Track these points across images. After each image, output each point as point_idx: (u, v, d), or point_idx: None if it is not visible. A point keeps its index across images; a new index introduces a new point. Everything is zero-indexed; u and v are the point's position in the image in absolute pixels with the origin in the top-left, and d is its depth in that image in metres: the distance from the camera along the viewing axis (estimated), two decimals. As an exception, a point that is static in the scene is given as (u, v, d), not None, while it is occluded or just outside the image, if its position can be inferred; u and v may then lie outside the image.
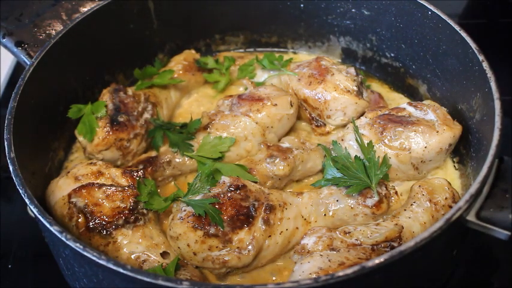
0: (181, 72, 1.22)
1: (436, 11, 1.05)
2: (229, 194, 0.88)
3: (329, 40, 1.30)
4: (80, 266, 0.81)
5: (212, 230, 0.85)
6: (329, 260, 0.81)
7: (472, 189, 0.75)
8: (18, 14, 1.13)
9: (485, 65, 0.92)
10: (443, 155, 0.99)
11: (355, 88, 1.07)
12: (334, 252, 0.83)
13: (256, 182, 0.96)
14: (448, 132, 0.96)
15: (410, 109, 1.02)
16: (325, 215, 0.93)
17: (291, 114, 1.07)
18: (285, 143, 1.04)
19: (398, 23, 1.16)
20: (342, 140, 1.02)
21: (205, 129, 1.07)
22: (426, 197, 0.92)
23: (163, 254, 0.89)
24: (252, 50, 1.37)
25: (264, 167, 0.99)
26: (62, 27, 1.10)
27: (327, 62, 1.12)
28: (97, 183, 0.93)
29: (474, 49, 0.95)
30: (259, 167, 1.00)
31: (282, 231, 0.89)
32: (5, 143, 0.88)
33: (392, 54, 1.22)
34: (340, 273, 0.66)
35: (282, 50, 1.35)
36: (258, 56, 1.26)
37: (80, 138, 1.04)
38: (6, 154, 0.86)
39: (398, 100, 1.22)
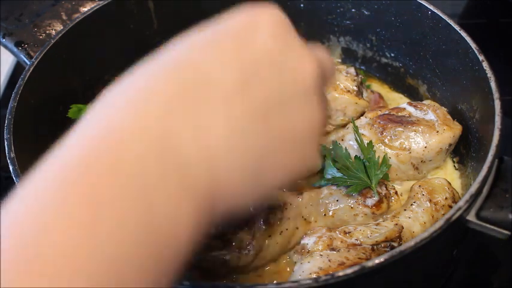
0: (181, 72, 1.22)
1: (436, 11, 1.05)
2: (229, 194, 0.88)
3: (329, 40, 1.30)
4: (80, 266, 0.80)
5: (212, 230, 0.85)
6: (329, 260, 0.81)
7: (472, 189, 0.75)
8: (18, 14, 1.13)
9: (485, 65, 0.92)
10: (443, 155, 0.99)
11: (355, 88, 1.07)
12: (334, 252, 0.83)
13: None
14: (448, 132, 0.96)
15: (410, 109, 1.02)
16: (325, 215, 0.93)
17: (291, 114, 1.07)
18: (285, 143, 1.04)
19: (398, 23, 1.16)
20: (342, 140, 1.02)
21: (205, 129, 1.06)
22: (426, 197, 0.92)
23: (163, 254, 0.89)
24: (252, 50, 1.37)
25: (264, 167, 0.99)
26: (62, 27, 1.10)
27: (327, 62, 1.12)
28: (97, 183, 0.93)
29: (474, 49, 0.95)
30: (259, 167, 1.00)
31: (281, 231, 0.89)
32: (5, 143, 0.88)
33: (392, 54, 1.22)
34: (340, 273, 0.66)
35: (282, 50, 1.36)
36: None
37: (80, 138, 1.04)
38: (6, 154, 0.86)
39: (398, 100, 1.22)
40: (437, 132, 0.96)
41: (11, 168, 0.85)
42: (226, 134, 0.41)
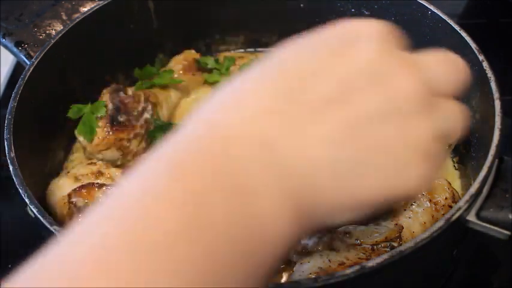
0: (181, 72, 1.22)
1: (436, 11, 1.05)
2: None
3: (329, 40, 1.30)
4: (79, 266, 0.80)
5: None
6: (329, 260, 0.80)
7: (472, 189, 0.75)
8: (18, 14, 1.13)
9: (485, 65, 0.92)
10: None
11: (355, 88, 1.07)
12: (334, 252, 0.83)
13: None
14: (448, 132, 0.96)
15: (410, 109, 1.01)
16: (325, 215, 0.93)
17: (291, 114, 1.07)
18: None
19: (398, 23, 1.15)
20: (342, 140, 1.02)
21: (205, 129, 1.06)
22: (426, 197, 0.92)
23: (163, 254, 0.89)
24: (252, 50, 1.37)
25: (264, 167, 0.99)
26: (62, 27, 1.10)
27: (327, 62, 1.12)
28: (97, 183, 0.93)
29: (474, 49, 0.95)
30: (259, 167, 0.99)
31: (282, 231, 0.89)
32: (5, 143, 0.88)
33: (392, 54, 1.21)
34: (340, 273, 0.66)
35: (282, 50, 1.35)
36: (258, 56, 1.26)
37: (80, 138, 1.04)
38: (6, 154, 0.86)
39: (398, 100, 1.21)
40: (437, 132, 0.95)
41: (11, 168, 0.85)
42: (322, 141, 0.42)
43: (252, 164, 0.39)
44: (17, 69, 1.51)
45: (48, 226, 0.76)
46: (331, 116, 0.42)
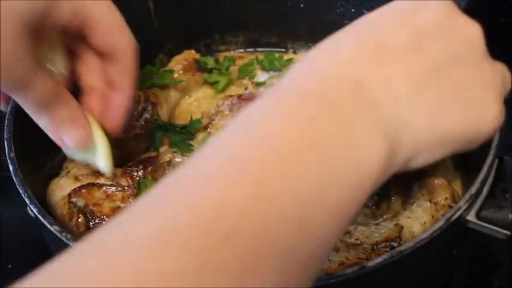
0: (181, 72, 1.21)
1: (436, 11, 1.05)
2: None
3: (329, 40, 1.30)
4: (80, 266, 0.80)
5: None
6: (329, 260, 0.81)
7: (472, 189, 0.76)
8: (18, 14, 1.13)
9: (485, 65, 0.92)
10: (443, 155, 0.98)
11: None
12: (334, 252, 0.83)
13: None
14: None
15: (410, 109, 1.01)
16: (325, 215, 0.93)
17: (291, 114, 1.07)
18: (285, 143, 1.04)
19: (398, 23, 1.15)
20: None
21: (206, 129, 1.06)
22: (426, 196, 0.92)
23: (163, 254, 0.89)
24: (252, 50, 1.37)
25: (264, 167, 0.99)
26: (62, 27, 1.10)
27: (327, 62, 1.12)
28: (97, 183, 0.93)
29: (474, 49, 0.95)
30: (259, 167, 0.99)
31: (282, 231, 0.89)
32: (5, 143, 0.88)
33: (392, 54, 1.21)
34: (340, 273, 0.66)
35: (282, 50, 1.35)
36: (258, 56, 1.26)
37: (80, 138, 1.04)
38: (6, 154, 0.86)
39: (398, 100, 1.21)
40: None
41: (11, 167, 0.85)
42: (407, 78, 0.49)
43: (348, 99, 0.45)
44: (17, 69, 1.51)
45: (48, 226, 0.76)
46: (412, 59, 0.49)
